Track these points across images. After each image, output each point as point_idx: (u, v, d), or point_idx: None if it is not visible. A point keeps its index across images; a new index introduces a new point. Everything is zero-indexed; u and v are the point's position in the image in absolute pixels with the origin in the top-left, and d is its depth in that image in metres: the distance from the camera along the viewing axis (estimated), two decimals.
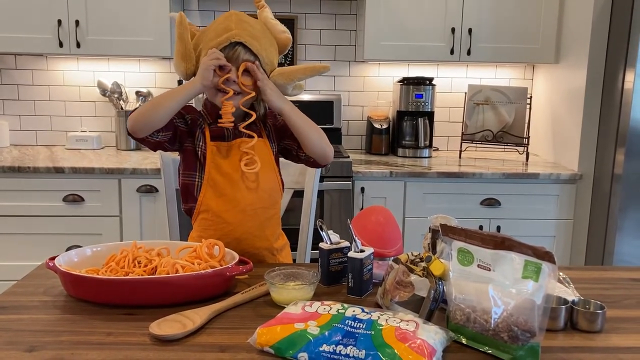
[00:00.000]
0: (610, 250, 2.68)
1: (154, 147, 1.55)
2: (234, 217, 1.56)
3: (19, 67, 3.21)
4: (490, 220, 2.84)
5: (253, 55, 1.52)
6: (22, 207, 2.69)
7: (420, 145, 3.17)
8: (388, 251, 1.39)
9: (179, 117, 1.55)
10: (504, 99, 3.17)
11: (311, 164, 1.65)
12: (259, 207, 1.58)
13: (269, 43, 1.57)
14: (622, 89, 2.62)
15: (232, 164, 1.56)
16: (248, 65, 1.50)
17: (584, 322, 1.14)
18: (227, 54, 1.50)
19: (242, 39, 1.50)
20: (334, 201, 2.77)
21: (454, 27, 2.96)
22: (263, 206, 1.59)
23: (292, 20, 3.24)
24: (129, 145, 3.19)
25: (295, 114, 1.55)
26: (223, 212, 1.56)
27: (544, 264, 1.03)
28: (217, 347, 1.04)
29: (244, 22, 1.54)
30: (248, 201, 1.56)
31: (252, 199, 1.57)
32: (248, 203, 1.56)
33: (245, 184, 1.56)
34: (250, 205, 1.56)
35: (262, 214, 1.59)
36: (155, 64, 3.26)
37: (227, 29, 1.51)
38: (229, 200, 1.55)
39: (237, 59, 1.51)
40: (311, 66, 1.59)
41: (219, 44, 1.50)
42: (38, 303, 1.23)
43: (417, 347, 0.96)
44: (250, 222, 1.57)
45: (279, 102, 1.53)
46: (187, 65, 1.54)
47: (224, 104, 1.50)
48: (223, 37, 1.50)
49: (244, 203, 1.56)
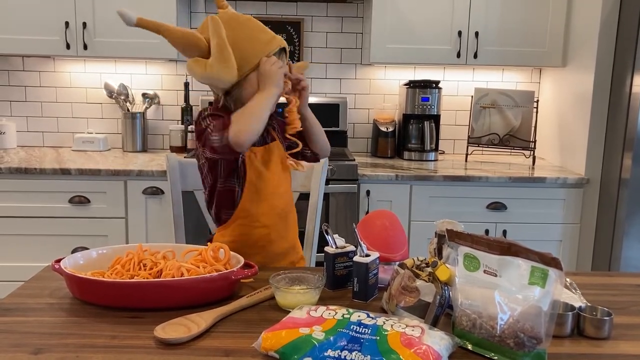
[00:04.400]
0: (617, 256, 2.67)
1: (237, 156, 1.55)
2: (270, 220, 1.60)
3: (26, 69, 3.23)
4: (496, 224, 2.83)
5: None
6: (29, 208, 2.70)
7: (426, 148, 3.16)
8: (393, 256, 1.38)
9: None
10: (511, 103, 3.16)
11: (314, 159, 1.74)
12: (289, 210, 1.67)
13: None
14: (629, 92, 2.60)
15: (268, 167, 1.60)
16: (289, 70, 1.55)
17: (591, 329, 1.14)
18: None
19: (284, 44, 1.56)
20: (339, 204, 2.76)
21: (460, 30, 2.96)
22: (291, 209, 1.68)
23: (299, 22, 3.24)
24: (135, 147, 3.20)
25: (313, 116, 1.65)
26: (261, 216, 1.59)
27: (550, 270, 1.02)
28: (221, 351, 1.04)
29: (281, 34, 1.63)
30: (282, 205, 1.63)
31: (285, 201, 1.64)
32: (282, 207, 1.63)
33: (280, 188, 1.62)
34: (283, 208, 1.63)
35: (291, 216, 1.68)
36: (162, 66, 3.27)
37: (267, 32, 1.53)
38: (268, 204, 1.60)
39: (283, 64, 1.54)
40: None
41: (271, 50, 1.51)
42: (44, 305, 1.23)
43: (422, 352, 0.95)
44: (282, 224, 1.64)
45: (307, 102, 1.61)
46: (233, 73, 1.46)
47: (289, 112, 1.56)
48: (274, 45, 1.52)
49: (279, 207, 1.62)
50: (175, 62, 3.24)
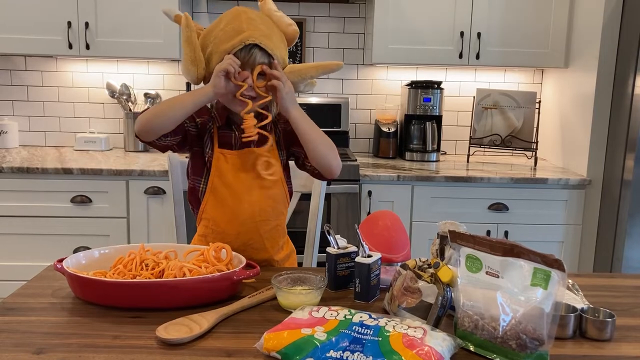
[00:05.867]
0: (619, 257, 2.66)
1: (162, 149, 1.54)
2: (233, 228, 1.53)
3: (28, 69, 3.23)
4: (498, 225, 2.83)
5: (268, 55, 1.47)
6: (30, 208, 2.70)
7: (428, 149, 3.16)
8: (395, 256, 1.38)
9: (190, 120, 1.51)
10: (513, 104, 3.15)
11: (316, 175, 1.59)
12: (260, 220, 1.54)
13: (279, 39, 1.52)
14: (632, 93, 2.60)
15: (237, 174, 1.53)
16: (264, 69, 1.45)
17: (594, 331, 1.13)
18: (242, 58, 1.44)
19: (256, 40, 1.44)
20: (341, 204, 2.76)
21: (462, 30, 2.96)
22: (265, 219, 1.55)
23: (301, 23, 3.24)
24: (137, 147, 3.20)
25: (304, 121, 1.48)
26: (222, 223, 1.54)
27: (553, 272, 1.02)
28: (223, 352, 1.04)
29: (253, 20, 1.47)
30: (248, 214, 1.52)
31: (253, 211, 1.53)
32: (248, 216, 1.53)
33: (248, 196, 1.52)
34: (250, 218, 1.53)
35: (263, 227, 1.55)
36: (164, 66, 3.27)
37: (238, 31, 1.44)
38: (230, 211, 1.53)
39: (253, 62, 1.45)
40: (323, 64, 1.56)
41: (232, 47, 1.43)
42: (46, 305, 1.23)
43: (424, 354, 0.95)
44: (250, 235, 1.54)
45: (289, 105, 1.46)
46: (197, 70, 1.47)
47: (245, 118, 1.44)
48: (236, 40, 1.43)
49: (244, 216, 1.52)
50: (177, 62, 3.24)
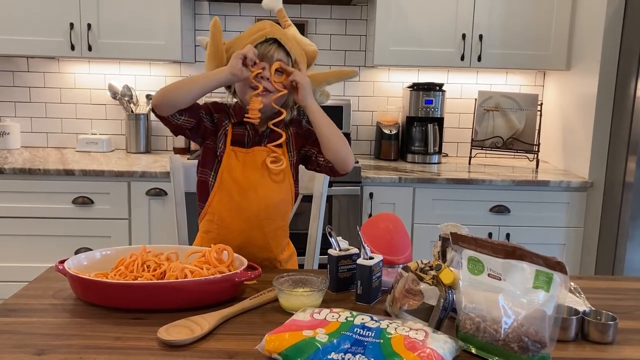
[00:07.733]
0: (620, 259, 2.66)
1: (174, 129, 1.55)
2: (237, 224, 1.55)
3: (31, 70, 3.24)
4: (499, 227, 2.82)
5: (286, 54, 1.55)
6: (32, 209, 2.71)
7: (429, 151, 3.16)
8: (397, 258, 1.38)
9: (207, 113, 1.57)
10: (515, 106, 3.15)
11: (329, 170, 1.60)
12: (265, 219, 1.57)
13: (300, 51, 1.60)
14: (634, 96, 2.60)
15: (245, 171, 1.56)
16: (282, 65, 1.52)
17: (596, 333, 1.13)
18: (261, 51, 1.52)
19: (276, 35, 1.54)
20: (342, 206, 2.76)
21: (464, 33, 2.96)
22: (269, 218, 1.57)
23: (303, 25, 3.24)
24: (138, 148, 3.20)
25: (321, 114, 1.55)
26: (227, 218, 1.56)
27: (555, 274, 1.02)
28: (225, 354, 1.04)
29: (277, 26, 1.59)
30: (254, 211, 1.55)
31: (258, 209, 1.55)
32: (253, 213, 1.55)
33: (254, 193, 1.55)
34: (255, 215, 1.55)
35: (268, 226, 1.58)
36: (166, 68, 3.28)
37: (261, 28, 1.55)
38: (236, 206, 1.55)
39: (271, 56, 1.53)
40: (340, 71, 1.67)
41: (254, 40, 1.52)
42: (47, 306, 1.23)
43: (426, 356, 0.95)
44: (254, 232, 1.56)
45: (308, 97, 1.54)
46: (216, 63, 1.55)
47: (252, 100, 1.50)
48: (258, 35, 1.53)
49: (249, 212, 1.55)
50: (180, 64, 3.25)
